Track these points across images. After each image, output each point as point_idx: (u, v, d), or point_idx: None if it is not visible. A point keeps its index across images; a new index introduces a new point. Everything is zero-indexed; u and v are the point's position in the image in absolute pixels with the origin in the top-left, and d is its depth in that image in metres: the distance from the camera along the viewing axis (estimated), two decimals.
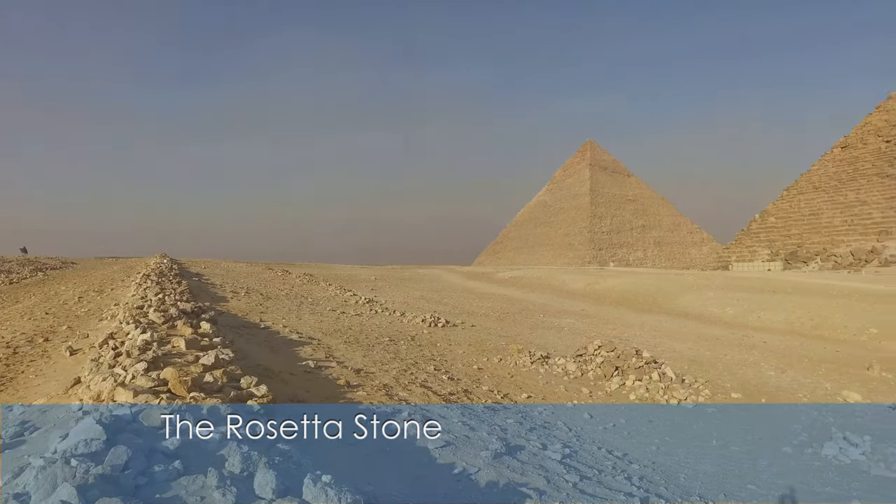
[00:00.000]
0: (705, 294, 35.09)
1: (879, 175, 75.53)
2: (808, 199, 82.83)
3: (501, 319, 25.82)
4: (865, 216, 74.08)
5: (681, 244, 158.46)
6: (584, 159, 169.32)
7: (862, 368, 16.46)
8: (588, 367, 13.70)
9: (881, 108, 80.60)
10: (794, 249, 79.08)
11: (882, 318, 24.53)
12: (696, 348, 19.16)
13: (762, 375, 15.18)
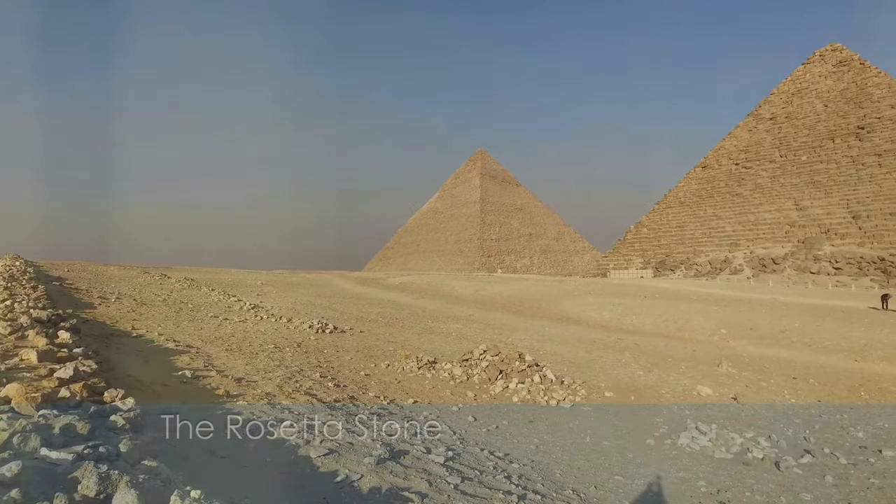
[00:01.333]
0: (585, 300, 37.30)
1: (731, 193, 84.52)
2: (675, 213, 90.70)
3: (390, 325, 25.82)
4: (720, 230, 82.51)
5: (565, 252, 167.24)
6: (475, 168, 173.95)
7: (713, 365, 18.31)
8: (473, 372, 14.07)
9: (732, 135, 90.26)
10: (663, 258, 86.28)
11: (730, 320, 27.47)
12: (576, 351, 20.32)
13: (633, 375, 16.39)
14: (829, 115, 79.57)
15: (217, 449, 5.88)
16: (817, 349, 22.09)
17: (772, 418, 12.40)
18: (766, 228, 77.50)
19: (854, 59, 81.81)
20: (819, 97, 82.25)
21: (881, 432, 11.52)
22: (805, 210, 75.07)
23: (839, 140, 76.58)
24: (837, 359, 20.54)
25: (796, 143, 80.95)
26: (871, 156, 72.48)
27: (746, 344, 23.65)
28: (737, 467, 9.37)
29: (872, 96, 76.56)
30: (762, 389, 15.38)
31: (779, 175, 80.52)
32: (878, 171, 71.03)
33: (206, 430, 6.38)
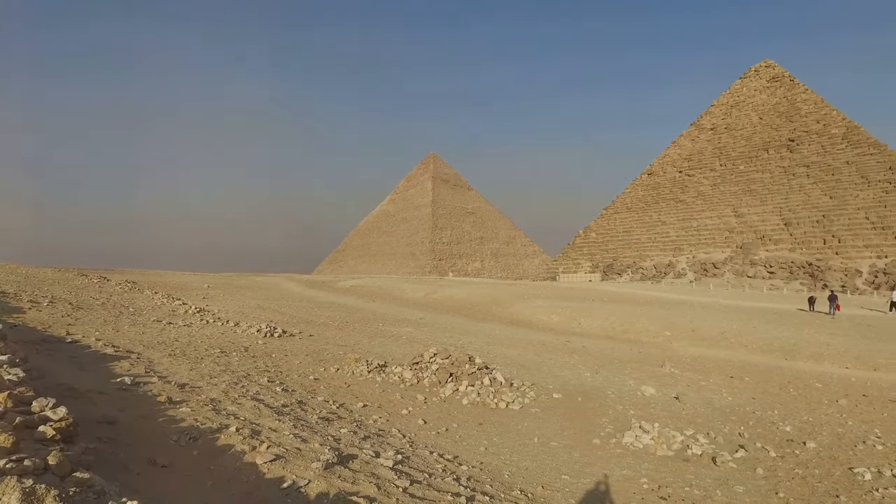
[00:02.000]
0: (535, 303, 37.86)
1: (675, 200, 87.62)
2: (622, 218, 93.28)
3: (341, 329, 25.54)
4: (665, 235, 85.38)
5: (515, 256, 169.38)
6: (427, 171, 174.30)
7: (657, 366, 18.91)
8: (424, 375, 14.07)
9: (676, 143, 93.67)
10: (611, 262, 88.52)
11: (674, 323, 28.42)
12: (525, 353, 20.59)
13: (580, 376, 16.74)
14: (763, 127, 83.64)
15: (158, 457, 5.69)
16: (752, 349, 23.13)
17: (710, 416, 12.90)
18: (707, 234, 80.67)
19: (785, 76, 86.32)
20: (755, 110, 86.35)
21: (805, 426, 12.20)
22: (743, 217, 78.54)
23: (772, 151, 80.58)
24: (770, 358, 21.58)
25: (735, 152, 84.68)
26: (801, 167, 76.59)
27: (688, 345, 24.53)
28: (677, 464, 9.71)
29: (801, 111, 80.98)
30: (702, 388, 15.95)
31: (719, 183, 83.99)
32: (806, 182, 75.12)
33: (146, 439, 6.17)
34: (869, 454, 10.40)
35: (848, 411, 13.80)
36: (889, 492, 8.52)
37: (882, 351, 21.57)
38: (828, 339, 23.85)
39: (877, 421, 12.94)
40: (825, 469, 9.55)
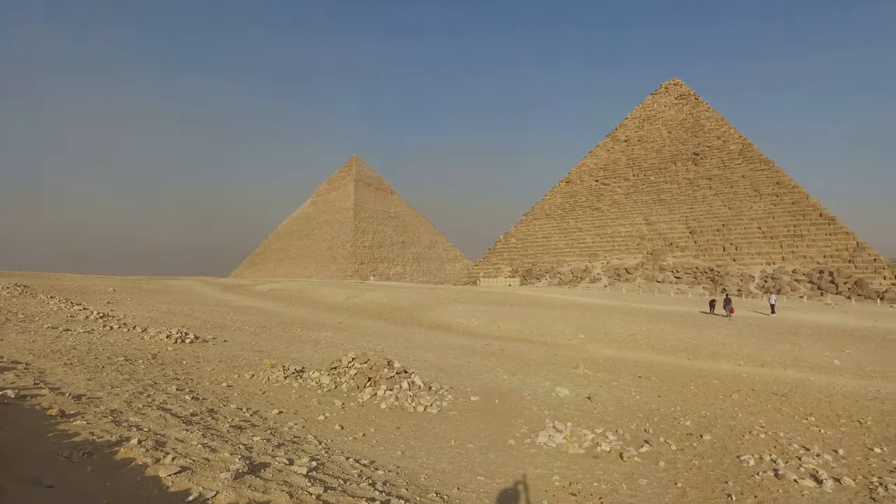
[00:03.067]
0: (455, 307, 38.27)
1: (591, 207, 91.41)
2: (541, 225, 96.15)
3: (257, 334, 24.74)
4: (581, 241, 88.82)
5: (437, 260, 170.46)
6: (350, 174, 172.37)
7: (572, 368, 19.63)
8: (342, 380, 13.91)
9: (593, 153, 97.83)
10: (530, 267, 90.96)
11: (588, 326, 29.61)
12: (445, 357, 20.77)
13: (498, 379, 17.08)
14: (672, 141, 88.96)
15: (43, 477, 5.30)
16: (659, 350, 24.51)
17: (619, 414, 13.55)
18: (620, 241, 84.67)
19: (690, 94, 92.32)
20: (664, 124, 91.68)
21: (703, 420, 13.09)
22: (653, 225, 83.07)
23: (680, 164, 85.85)
24: (675, 358, 22.95)
25: (646, 164, 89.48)
26: (704, 179, 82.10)
27: (601, 347, 25.62)
28: (587, 461, 10.14)
29: (704, 127, 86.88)
30: (613, 388, 16.70)
31: (632, 192, 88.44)
32: (708, 193, 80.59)
33: (30, 457, 5.73)
34: (754, 443, 11.31)
35: (739, 405, 14.92)
36: (767, 475, 9.32)
37: (768, 349, 23.52)
38: (724, 339, 25.69)
39: (762, 412, 14.08)
40: (717, 458, 10.29)
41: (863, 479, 9.21)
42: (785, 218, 73.08)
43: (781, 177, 76.64)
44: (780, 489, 8.75)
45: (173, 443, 6.94)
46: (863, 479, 9.26)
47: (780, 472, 9.35)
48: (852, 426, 13.15)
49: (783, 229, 72.41)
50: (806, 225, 71.29)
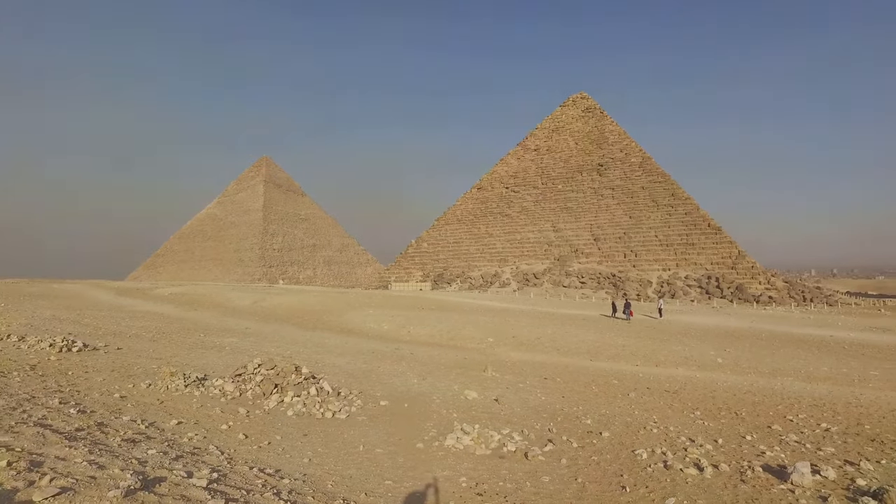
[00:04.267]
0: (366, 311, 37.98)
1: (502, 214, 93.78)
2: (452, 230, 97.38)
3: (155, 340, 23.34)
4: (492, 246, 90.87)
5: (348, 264, 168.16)
6: (259, 175, 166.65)
7: (480, 371, 20.04)
8: (247, 387, 13.43)
9: (504, 161, 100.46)
10: (441, 272, 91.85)
11: (497, 329, 30.36)
12: (355, 362, 20.57)
13: (408, 383, 17.14)
14: (578, 151, 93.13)
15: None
16: (564, 352, 25.56)
17: (525, 415, 14.01)
18: (529, 246, 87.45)
19: (596, 108, 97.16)
20: (572, 136, 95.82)
21: (603, 418, 13.82)
22: (560, 231, 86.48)
23: (585, 174, 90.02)
24: (578, 359, 24.03)
25: (554, 173, 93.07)
26: (607, 189, 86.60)
27: (509, 350, 26.35)
28: (494, 461, 10.40)
29: (608, 140, 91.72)
30: (520, 390, 17.22)
31: (540, 200, 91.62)
32: (611, 202, 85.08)
33: None
34: (647, 437, 12.08)
35: (635, 403, 15.87)
36: (657, 466, 10.00)
37: (661, 350, 25.20)
38: (623, 341, 27.22)
39: (655, 409, 15.07)
40: (615, 453, 10.90)
41: (736, 464, 10.10)
42: (679, 227, 78.55)
43: (676, 189, 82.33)
44: (668, 478, 9.41)
45: (52, 462, 6.41)
46: (736, 464, 10.15)
47: (669, 463, 10.06)
48: (730, 417, 14.36)
49: (677, 238, 77.78)
50: (696, 234, 76.99)
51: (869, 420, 14.58)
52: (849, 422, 14.32)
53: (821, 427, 13.73)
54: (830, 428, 13.64)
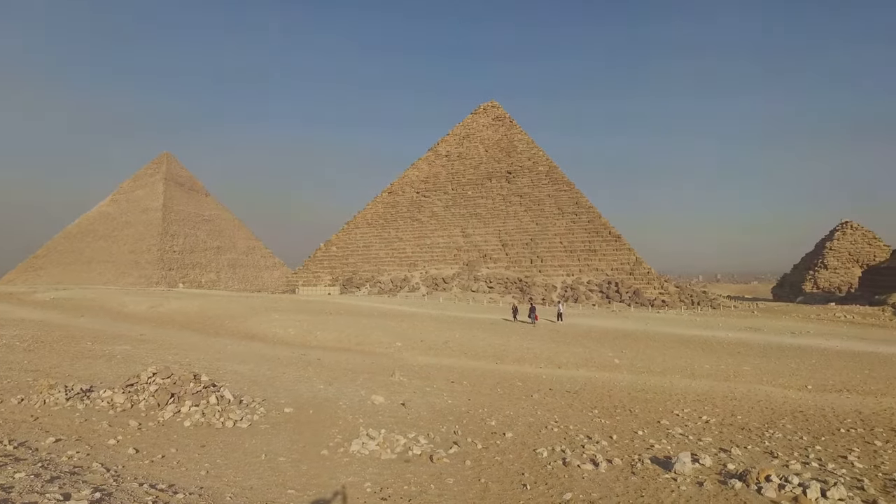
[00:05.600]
0: (272, 316, 36.80)
1: (412, 218, 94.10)
2: (362, 233, 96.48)
3: (32, 350, 21.39)
4: (401, 251, 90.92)
5: (255, 267, 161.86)
6: (159, 172, 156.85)
7: (388, 375, 20.01)
8: (140, 398, 12.63)
9: (415, 166, 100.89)
10: (351, 276, 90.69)
11: (405, 334, 30.41)
12: (258, 368, 19.88)
13: (314, 389, 16.80)
14: (488, 159, 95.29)
15: None
16: (471, 356, 26.04)
17: (432, 418, 14.14)
18: (439, 251, 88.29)
19: (506, 117, 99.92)
20: (482, 143, 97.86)
21: (507, 419, 14.25)
22: (469, 237, 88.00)
23: (494, 181, 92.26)
24: (485, 363, 24.57)
25: (464, 179, 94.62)
26: (516, 196, 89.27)
27: (417, 354, 26.47)
28: (399, 465, 10.43)
29: (517, 149, 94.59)
30: (427, 394, 17.37)
31: (450, 205, 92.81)
32: (519, 209, 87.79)
33: None
34: (549, 436, 12.60)
35: (538, 403, 16.48)
36: (557, 463, 10.47)
37: (564, 353, 26.32)
38: (528, 344, 28.15)
39: (557, 409, 15.74)
40: (517, 453, 11.27)
41: (628, 458, 10.78)
42: (582, 235, 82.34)
43: (580, 198, 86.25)
44: (566, 475, 9.86)
45: None
46: (628, 457, 10.83)
47: (568, 460, 10.54)
48: (625, 415, 15.27)
49: (580, 244, 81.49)
50: (598, 241, 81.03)
51: (741, 411, 16.04)
52: (724, 413, 15.68)
53: (702, 419, 14.92)
54: (709, 420, 14.86)
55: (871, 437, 13.47)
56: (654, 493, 8.95)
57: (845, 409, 16.58)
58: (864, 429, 14.33)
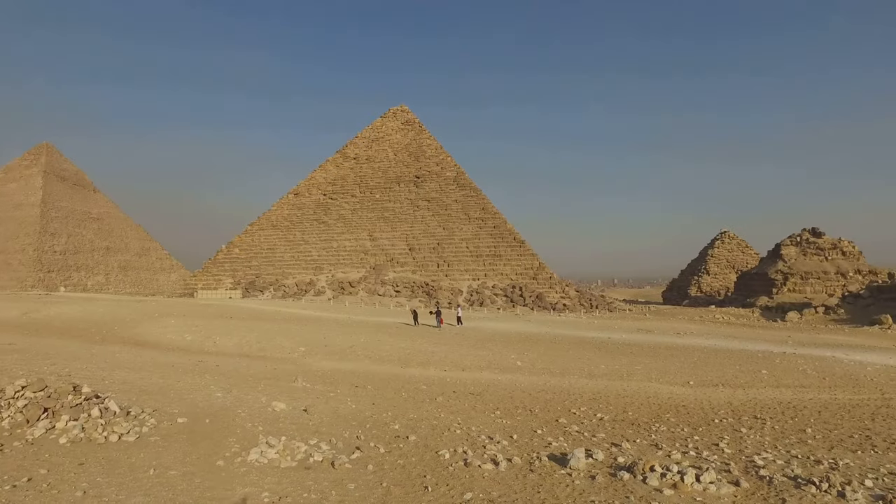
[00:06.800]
0: (166, 321, 34.71)
1: (318, 221, 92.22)
2: (266, 235, 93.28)
3: None
4: (307, 254, 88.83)
5: (149, 270, 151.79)
6: (37, 164, 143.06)
7: (291, 381, 19.47)
8: (4, 415, 11.42)
9: (323, 167, 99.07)
10: (254, 279, 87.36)
11: (309, 338, 29.75)
12: (150, 377, 18.65)
13: (210, 397, 15.98)
14: (397, 163, 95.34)
15: None
16: (376, 360, 25.89)
17: (334, 424, 13.91)
18: (345, 255, 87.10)
19: (415, 121, 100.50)
20: (391, 147, 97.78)
21: (411, 422, 14.30)
22: (376, 240, 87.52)
23: (403, 185, 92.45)
24: (390, 367, 24.52)
25: (373, 182, 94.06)
26: (423, 201, 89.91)
27: (322, 359, 25.95)
28: (299, 473, 10.17)
29: (426, 153, 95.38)
30: (330, 399, 17.05)
31: (358, 208, 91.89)
32: (427, 214, 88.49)
33: None
34: (451, 438, 12.79)
35: (442, 406, 16.68)
36: (458, 464, 10.65)
37: (469, 355, 26.84)
38: (433, 348, 28.42)
39: (460, 411, 16.00)
40: (420, 456, 11.34)
41: (527, 457, 11.17)
42: (488, 240, 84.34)
43: (486, 204, 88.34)
44: (467, 475, 10.05)
45: None
46: (527, 456, 11.22)
47: (469, 461, 10.75)
48: (526, 415, 15.81)
49: (486, 249, 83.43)
50: (503, 247, 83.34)
51: (632, 407, 17.09)
52: (617, 410, 16.64)
53: (597, 417, 15.75)
54: (603, 417, 15.71)
55: (738, 426, 14.89)
56: (550, 488, 9.33)
57: (720, 402, 18.15)
58: (734, 418, 15.79)
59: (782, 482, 9.56)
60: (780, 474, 10.03)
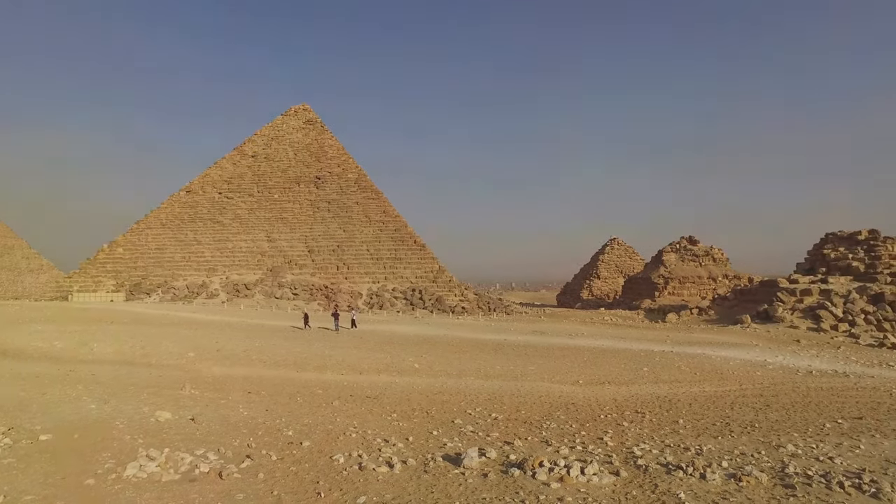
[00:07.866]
0: (33, 327, 31.53)
1: (213, 220, 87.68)
2: (155, 234, 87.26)
3: None
4: (200, 254, 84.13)
5: (14, 270, 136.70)
6: None
7: (177, 389, 18.34)
8: None
9: (218, 164, 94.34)
10: (140, 281, 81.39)
11: (199, 343, 28.21)
12: (8, 390, 16.80)
13: (82, 410, 14.68)
14: (297, 162, 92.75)
15: None
16: (271, 364, 25.01)
17: (224, 432, 13.26)
18: (241, 256, 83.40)
19: (317, 121, 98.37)
20: (291, 146, 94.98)
21: (305, 428, 13.94)
22: (274, 242, 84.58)
23: (303, 185, 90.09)
24: (285, 371, 23.78)
25: (271, 181, 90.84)
26: (324, 202, 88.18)
27: (212, 365, 24.66)
28: (183, 486, 9.59)
29: (327, 154, 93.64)
30: (220, 406, 16.25)
31: (255, 208, 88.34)
32: (327, 215, 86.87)
33: None
34: (346, 442, 12.62)
35: (338, 410, 16.41)
36: (353, 468, 10.51)
37: (366, 358, 26.66)
38: (330, 351, 27.93)
39: (357, 415, 15.83)
40: (313, 461, 11.09)
41: (421, 458, 11.26)
42: (388, 243, 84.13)
43: (387, 206, 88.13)
44: (361, 479, 9.96)
45: None
46: (422, 457, 11.31)
47: (364, 464, 10.66)
48: (422, 417, 15.93)
49: (387, 252, 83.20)
50: (404, 250, 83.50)
51: (525, 406, 17.74)
52: (511, 410, 17.20)
53: (491, 416, 16.18)
54: (498, 416, 16.18)
55: (621, 420, 15.94)
56: (443, 488, 9.46)
57: (605, 399, 19.31)
58: (617, 413, 16.87)
59: (656, 469, 10.36)
60: (655, 462, 10.85)
